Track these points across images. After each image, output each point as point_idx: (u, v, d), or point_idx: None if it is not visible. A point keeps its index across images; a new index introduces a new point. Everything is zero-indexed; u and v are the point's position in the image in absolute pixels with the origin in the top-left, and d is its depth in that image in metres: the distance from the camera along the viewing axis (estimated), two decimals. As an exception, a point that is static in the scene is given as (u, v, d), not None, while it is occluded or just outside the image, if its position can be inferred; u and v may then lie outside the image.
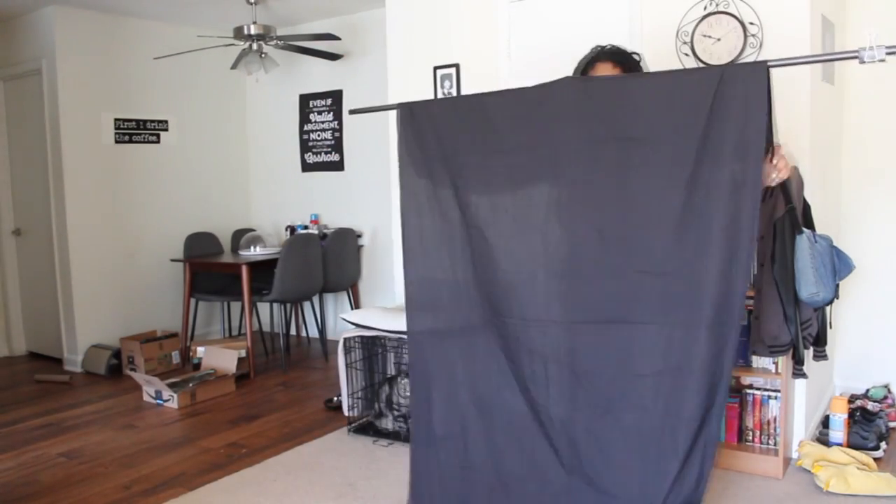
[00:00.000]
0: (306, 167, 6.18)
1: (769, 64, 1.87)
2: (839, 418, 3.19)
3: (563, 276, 2.19)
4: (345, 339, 3.83)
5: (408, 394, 3.33)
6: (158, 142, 5.78)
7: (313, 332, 6.07)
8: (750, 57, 3.16)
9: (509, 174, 2.30)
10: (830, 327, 3.11)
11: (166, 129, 5.83)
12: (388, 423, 3.68)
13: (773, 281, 2.81)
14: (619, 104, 2.09)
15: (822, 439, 3.24)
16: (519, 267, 2.30)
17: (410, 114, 2.46)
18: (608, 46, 2.60)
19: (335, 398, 4.20)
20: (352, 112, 2.72)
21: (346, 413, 3.83)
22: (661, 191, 2.06)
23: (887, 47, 1.74)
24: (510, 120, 2.27)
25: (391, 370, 3.81)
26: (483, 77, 3.89)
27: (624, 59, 2.54)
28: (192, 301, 5.50)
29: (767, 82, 1.86)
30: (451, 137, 2.38)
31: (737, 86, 1.90)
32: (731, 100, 1.91)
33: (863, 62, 1.79)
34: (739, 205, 1.92)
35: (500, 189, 2.32)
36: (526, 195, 2.28)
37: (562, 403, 2.24)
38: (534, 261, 2.26)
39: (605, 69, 2.56)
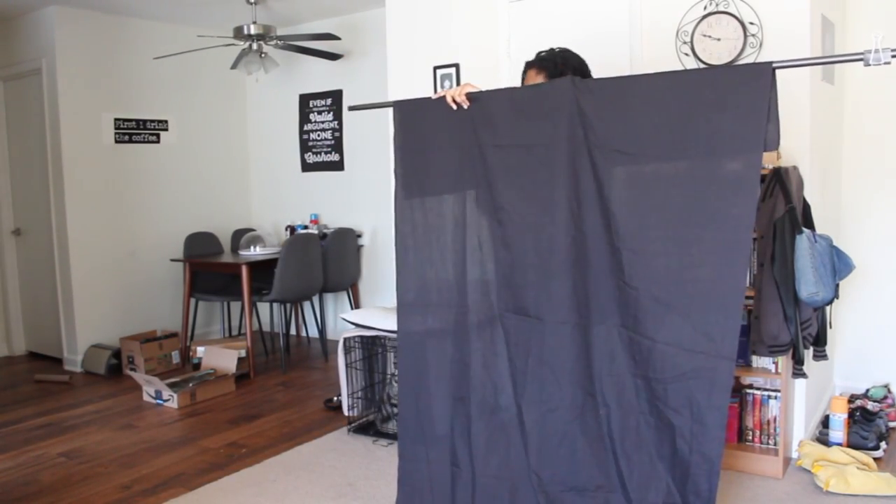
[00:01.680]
0: (306, 167, 6.18)
1: (775, 65, 1.87)
2: (839, 418, 3.19)
3: (553, 276, 2.19)
4: (345, 339, 3.83)
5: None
6: (158, 142, 5.78)
7: (313, 332, 6.07)
8: (750, 57, 3.16)
9: (504, 171, 2.30)
10: (830, 327, 3.12)
11: (166, 129, 5.83)
12: (393, 426, 3.66)
13: (773, 281, 2.81)
14: (618, 105, 2.09)
15: (822, 439, 3.24)
16: (511, 265, 2.30)
17: (407, 111, 2.46)
18: (543, 53, 2.60)
19: (335, 398, 4.19)
20: (351, 108, 2.75)
21: (346, 413, 3.83)
22: (657, 192, 2.05)
23: (893, 49, 1.74)
24: (507, 118, 2.28)
25: (391, 370, 3.80)
26: (483, 77, 3.89)
27: (545, 65, 2.53)
28: (192, 301, 5.49)
29: (773, 84, 1.86)
30: (446, 134, 2.38)
31: (740, 87, 1.89)
32: (733, 100, 1.90)
33: (868, 65, 1.78)
34: (737, 205, 1.91)
35: (494, 186, 2.32)
36: (521, 193, 2.28)
37: (535, 404, 2.24)
38: (526, 259, 2.26)
39: (530, 77, 2.57)
